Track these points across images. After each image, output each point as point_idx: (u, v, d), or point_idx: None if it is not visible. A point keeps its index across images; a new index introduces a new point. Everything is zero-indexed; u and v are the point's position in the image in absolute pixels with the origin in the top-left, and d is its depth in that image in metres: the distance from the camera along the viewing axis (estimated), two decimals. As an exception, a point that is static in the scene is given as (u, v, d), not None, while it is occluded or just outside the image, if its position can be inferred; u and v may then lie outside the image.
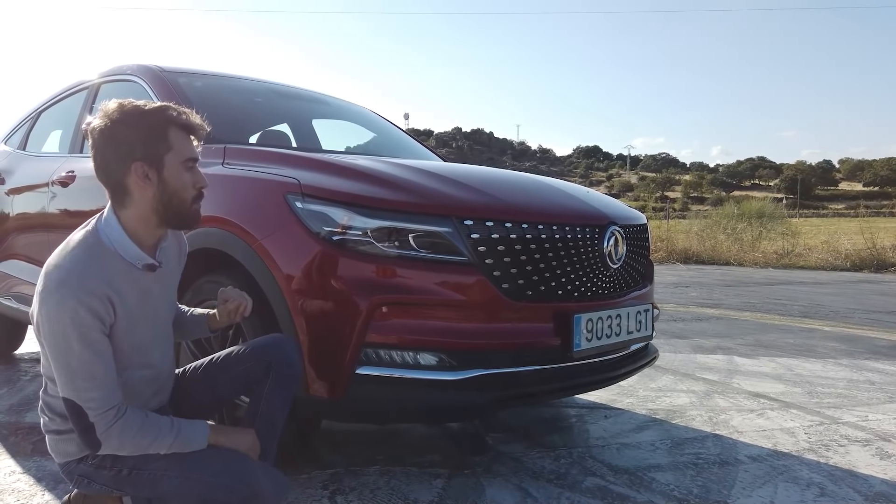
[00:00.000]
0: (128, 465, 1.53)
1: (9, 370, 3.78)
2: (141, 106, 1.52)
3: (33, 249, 3.43)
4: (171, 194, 1.54)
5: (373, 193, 2.00)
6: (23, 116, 4.14)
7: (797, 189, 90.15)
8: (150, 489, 1.54)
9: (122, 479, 1.54)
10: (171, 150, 1.52)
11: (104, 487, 1.57)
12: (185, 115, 1.56)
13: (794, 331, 5.53)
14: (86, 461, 1.56)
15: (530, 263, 2.05)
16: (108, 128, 1.49)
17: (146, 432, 1.48)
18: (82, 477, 1.57)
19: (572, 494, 2.11)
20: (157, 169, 1.51)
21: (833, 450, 2.58)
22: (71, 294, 1.40)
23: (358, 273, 1.92)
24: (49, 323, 1.42)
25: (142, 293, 1.56)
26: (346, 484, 2.14)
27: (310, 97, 3.77)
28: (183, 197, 1.55)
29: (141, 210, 1.54)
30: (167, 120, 1.52)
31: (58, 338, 1.41)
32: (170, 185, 1.53)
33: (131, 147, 1.49)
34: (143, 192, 1.52)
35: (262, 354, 1.75)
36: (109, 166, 1.51)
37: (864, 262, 12.57)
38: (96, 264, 1.47)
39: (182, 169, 1.54)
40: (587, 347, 2.13)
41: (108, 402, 1.44)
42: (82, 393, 1.42)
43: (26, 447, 2.48)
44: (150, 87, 2.91)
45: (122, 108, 1.50)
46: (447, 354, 1.94)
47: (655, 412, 3.07)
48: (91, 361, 1.42)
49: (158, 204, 1.53)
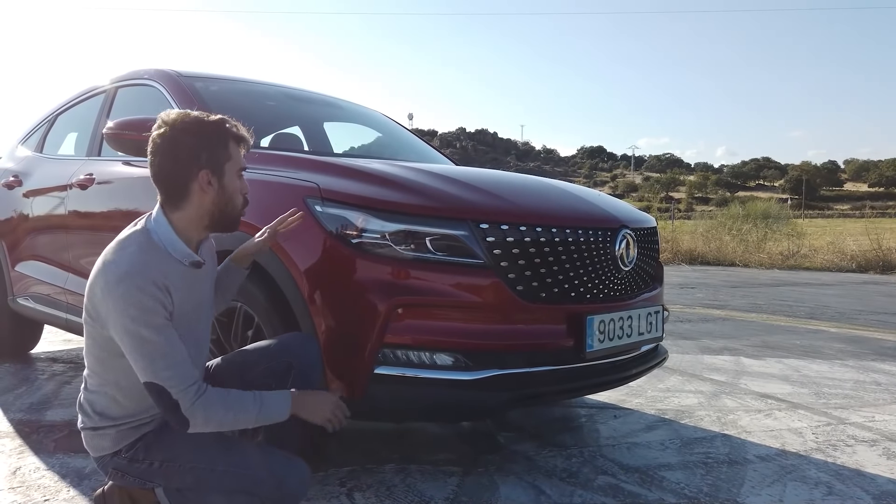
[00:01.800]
0: (159, 457, 1.60)
1: (26, 369, 3.84)
2: (202, 117, 1.64)
3: (51, 251, 3.49)
4: (227, 200, 1.66)
5: (390, 197, 2.05)
6: (39, 119, 4.20)
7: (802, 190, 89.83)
8: (181, 481, 1.60)
9: (153, 471, 1.61)
10: (230, 159, 1.65)
11: (137, 480, 1.63)
12: (237, 128, 1.68)
13: (800, 332, 5.56)
14: (119, 455, 1.62)
15: (544, 266, 2.09)
16: (174, 136, 1.59)
17: (230, 406, 1.54)
18: (116, 470, 1.64)
19: (584, 492, 2.15)
20: (219, 176, 1.63)
21: (840, 450, 2.62)
22: (134, 285, 1.48)
23: (376, 275, 1.97)
24: (117, 315, 1.49)
25: (188, 289, 1.64)
26: (363, 481, 2.19)
27: (321, 100, 3.82)
28: (236, 203, 1.69)
29: (197, 212, 1.64)
30: (227, 131, 1.65)
31: (128, 328, 1.48)
32: (227, 192, 1.65)
33: (197, 155, 1.60)
34: (202, 197, 1.63)
35: (283, 353, 1.81)
36: (172, 171, 1.61)
37: (870, 264, 12.58)
38: (152, 258, 1.56)
39: (236, 177, 1.67)
40: (599, 348, 2.17)
41: (187, 378, 1.50)
42: (161, 373, 1.48)
43: (49, 444, 2.54)
44: (167, 91, 2.97)
45: (186, 118, 1.61)
46: (463, 355, 1.98)
47: (664, 412, 3.11)
48: (163, 343, 1.49)
49: (215, 208, 1.65)
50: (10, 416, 2.89)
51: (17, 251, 3.80)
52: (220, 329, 2.27)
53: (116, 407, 1.61)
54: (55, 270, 3.44)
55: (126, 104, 3.35)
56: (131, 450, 1.62)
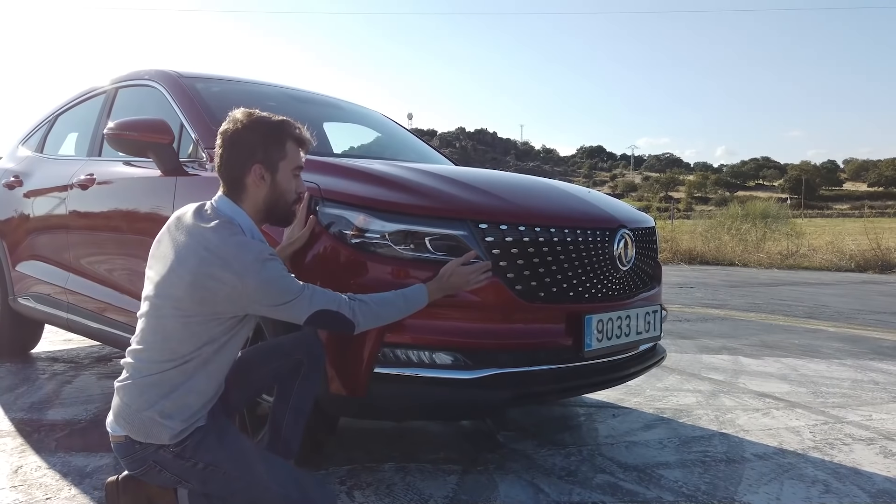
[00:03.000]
0: (205, 459, 1.61)
1: (27, 369, 3.86)
2: (266, 116, 1.75)
3: (51, 250, 3.50)
4: (279, 196, 1.76)
5: (390, 198, 2.06)
6: (40, 119, 4.21)
7: (802, 189, 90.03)
8: (215, 486, 1.64)
9: (195, 471, 1.62)
10: (286, 158, 1.75)
11: (173, 477, 1.64)
12: (299, 130, 1.78)
13: (798, 331, 5.57)
14: (167, 448, 1.61)
15: (543, 266, 2.11)
16: (236, 132, 1.71)
17: (381, 304, 1.76)
18: (156, 463, 1.62)
19: (583, 490, 2.17)
20: (272, 172, 1.74)
21: (838, 448, 2.63)
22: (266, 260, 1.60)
23: (376, 275, 1.98)
24: (263, 291, 1.59)
25: None
26: (363, 479, 2.21)
27: (322, 101, 3.83)
28: (287, 199, 1.79)
29: (253, 205, 1.74)
30: (285, 132, 1.75)
31: (278, 294, 1.60)
32: (279, 188, 1.76)
33: (254, 150, 1.71)
34: (256, 190, 1.73)
35: (293, 352, 1.84)
36: (233, 164, 1.73)
37: (869, 263, 12.59)
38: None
39: (291, 175, 1.77)
40: (598, 347, 2.19)
41: (336, 296, 1.69)
42: (319, 300, 1.65)
43: (50, 444, 2.55)
44: (168, 92, 2.98)
45: (250, 116, 1.73)
46: (463, 354, 2.00)
47: (663, 411, 3.12)
48: (300, 284, 1.65)
49: (267, 202, 1.75)
50: (11, 416, 2.91)
51: (17, 251, 3.82)
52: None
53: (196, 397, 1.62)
54: (56, 270, 3.45)
55: (127, 105, 3.37)
56: (180, 446, 1.60)
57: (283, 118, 1.78)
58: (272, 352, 1.85)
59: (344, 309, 1.68)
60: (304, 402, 1.83)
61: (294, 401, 1.80)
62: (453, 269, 1.89)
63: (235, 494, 1.63)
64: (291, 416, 1.79)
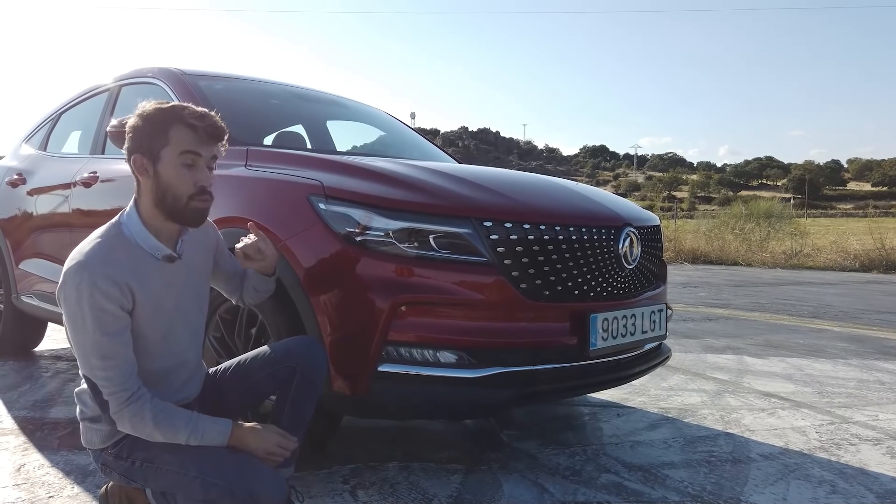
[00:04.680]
0: (140, 456, 1.59)
1: (30, 367, 3.85)
2: (159, 104, 1.59)
3: (55, 248, 3.50)
4: (165, 188, 1.57)
5: (394, 195, 2.05)
6: (43, 118, 4.21)
7: (805, 189, 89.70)
8: (157, 482, 1.59)
9: (134, 470, 1.60)
10: (168, 144, 1.56)
11: (121, 477, 1.64)
12: (191, 113, 1.58)
13: (803, 331, 5.55)
14: (106, 451, 1.62)
15: (548, 264, 2.09)
16: (132, 124, 1.58)
17: (159, 421, 1.51)
18: (104, 465, 1.65)
19: (588, 490, 2.15)
20: (153, 161, 1.57)
21: (844, 448, 2.61)
22: (89, 278, 1.47)
23: (380, 273, 1.97)
24: (67, 304, 1.49)
25: (166, 283, 1.62)
26: (367, 479, 2.19)
27: (325, 99, 3.83)
28: (177, 192, 1.57)
29: (146, 202, 1.60)
30: (173, 117, 1.56)
31: (75, 318, 1.48)
32: (164, 179, 1.57)
33: (140, 140, 1.57)
34: (145, 184, 1.59)
35: (287, 358, 1.79)
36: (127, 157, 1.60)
37: (873, 263, 12.55)
38: (115, 253, 1.54)
39: (178, 164, 1.56)
40: (603, 346, 2.17)
41: (121, 384, 1.49)
42: (96, 371, 1.49)
43: (53, 442, 2.54)
44: (171, 89, 2.97)
45: (146, 106, 1.58)
46: (467, 352, 1.98)
47: (667, 411, 3.11)
48: (103, 344, 1.47)
49: (156, 196, 1.58)
50: (14, 414, 2.90)
51: (21, 249, 3.81)
52: (224, 327, 2.28)
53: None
54: (59, 268, 3.43)
55: (130, 102, 3.35)
56: (116, 447, 1.61)
57: (177, 103, 1.60)
58: (270, 356, 1.80)
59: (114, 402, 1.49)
60: (300, 406, 1.78)
61: (290, 406, 1.77)
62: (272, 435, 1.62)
63: (181, 490, 1.56)
64: (289, 420, 1.74)
